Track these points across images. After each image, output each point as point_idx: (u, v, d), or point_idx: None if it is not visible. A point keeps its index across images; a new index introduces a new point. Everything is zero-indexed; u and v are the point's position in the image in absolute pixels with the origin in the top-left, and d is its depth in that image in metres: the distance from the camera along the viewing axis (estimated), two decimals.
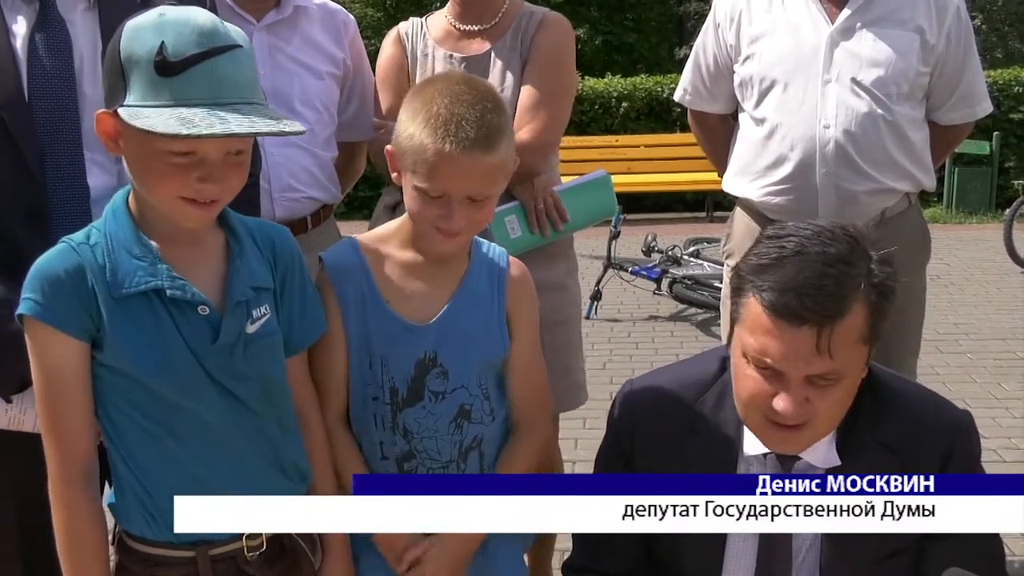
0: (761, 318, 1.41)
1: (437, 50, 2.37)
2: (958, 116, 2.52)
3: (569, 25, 2.41)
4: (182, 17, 1.34)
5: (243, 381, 1.47)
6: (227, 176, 1.38)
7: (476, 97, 1.54)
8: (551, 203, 2.32)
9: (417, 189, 1.55)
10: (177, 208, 1.39)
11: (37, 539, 1.57)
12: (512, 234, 2.28)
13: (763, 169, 2.46)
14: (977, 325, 5.84)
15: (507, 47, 2.33)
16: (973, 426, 1.58)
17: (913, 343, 2.56)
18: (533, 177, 2.32)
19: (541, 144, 2.30)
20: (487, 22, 2.36)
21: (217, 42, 1.33)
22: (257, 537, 1.50)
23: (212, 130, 1.28)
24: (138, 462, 1.44)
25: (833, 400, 1.45)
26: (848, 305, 1.39)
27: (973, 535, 1.54)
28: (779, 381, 1.43)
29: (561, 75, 2.35)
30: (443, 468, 1.66)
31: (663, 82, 11.37)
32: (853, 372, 1.45)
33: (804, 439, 1.49)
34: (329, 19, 2.37)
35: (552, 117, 2.31)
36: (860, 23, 2.39)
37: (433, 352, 1.62)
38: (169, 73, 1.31)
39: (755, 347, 1.43)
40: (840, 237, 1.43)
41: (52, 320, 1.37)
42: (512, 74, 2.31)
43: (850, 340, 1.41)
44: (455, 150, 1.49)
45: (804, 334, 1.38)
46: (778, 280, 1.39)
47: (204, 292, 1.43)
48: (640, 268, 6.47)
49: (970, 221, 9.91)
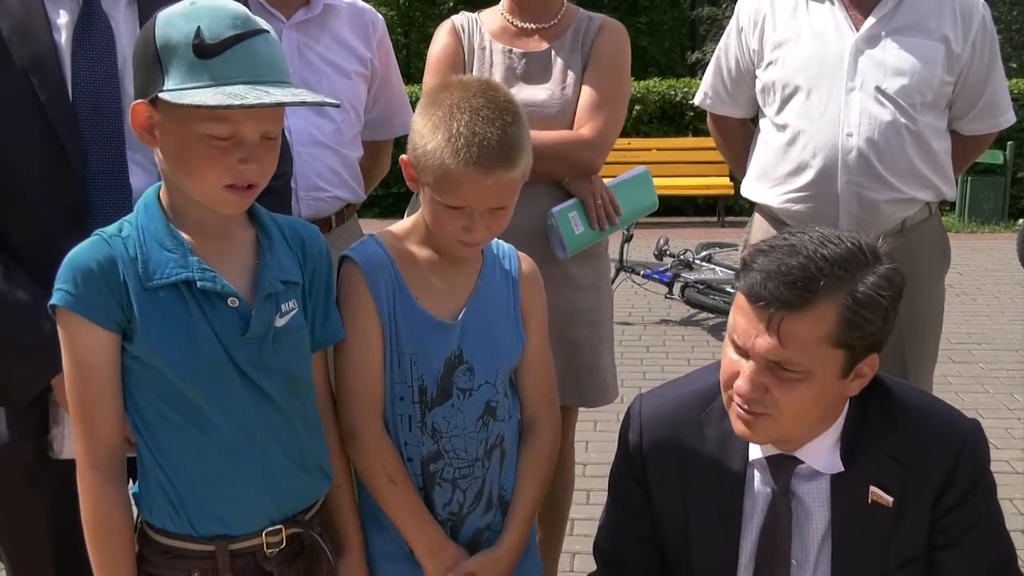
0: (739, 296, 1.48)
1: (495, 44, 2.42)
2: (981, 126, 2.51)
3: (626, 32, 2.50)
4: (213, 4, 1.37)
5: (271, 374, 1.47)
6: (264, 157, 1.40)
7: (496, 112, 1.53)
8: (607, 198, 2.39)
9: (436, 203, 1.56)
10: (217, 195, 1.40)
11: (70, 540, 1.57)
12: (576, 230, 2.35)
13: (784, 176, 2.46)
14: (990, 335, 5.83)
15: (567, 47, 2.40)
16: (982, 436, 1.57)
17: (931, 352, 2.55)
18: (592, 174, 2.39)
19: (601, 142, 2.37)
20: (546, 22, 2.42)
21: (251, 25, 1.36)
22: (277, 534, 1.51)
23: (260, 100, 1.30)
24: (164, 453, 1.45)
25: (796, 397, 1.45)
26: (810, 300, 1.41)
27: (985, 542, 1.56)
28: (745, 363, 1.48)
29: (620, 80, 2.44)
30: (469, 467, 1.66)
31: (676, 86, 11.36)
32: (822, 374, 1.45)
33: (763, 429, 1.50)
34: (358, 18, 2.39)
35: (612, 118, 2.39)
36: (885, 31, 2.38)
37: (459, 349, 1.63)
38: (208, 55, 1.32)
39: (731, 323, 1.50)
40: (843, 244, 1.45)
41: (84, 311, 1.39)
42: (573, 73, 2.38)
43: (810, 336, 1.42)
44: (478, 172, 1.50)
45: (761, 314, 1.43)
46: (760, 264, 1.45)
47: (234, 285, 1.44)
48: (652, 272, 6.46)
49: (983, 231, 9.87)
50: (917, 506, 1.53)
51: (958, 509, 1.53)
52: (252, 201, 1.45)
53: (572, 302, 2.39)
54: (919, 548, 1.55)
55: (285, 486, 1.51)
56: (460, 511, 1.68)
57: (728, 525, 1.60)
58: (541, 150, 2.27)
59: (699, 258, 6.57)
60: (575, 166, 2.36)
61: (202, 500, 1.46)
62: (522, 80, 2.38)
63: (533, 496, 1.73)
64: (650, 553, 1.69)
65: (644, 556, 1.69)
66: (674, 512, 1.63)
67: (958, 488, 1.53)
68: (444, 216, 1.56)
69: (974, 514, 1.54)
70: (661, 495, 1.64)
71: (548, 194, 2.36)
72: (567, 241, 2.33)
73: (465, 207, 1.54)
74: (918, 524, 1.54)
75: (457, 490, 1.66)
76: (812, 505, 1.57)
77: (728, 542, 1.60)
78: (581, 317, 2.42)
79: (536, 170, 2.28)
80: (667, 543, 1.67)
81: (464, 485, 1.66)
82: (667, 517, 1.65)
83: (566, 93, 2.37)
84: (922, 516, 1.54)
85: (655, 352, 5.57)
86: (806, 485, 1.57)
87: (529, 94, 2.36)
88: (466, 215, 1.55)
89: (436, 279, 1.64)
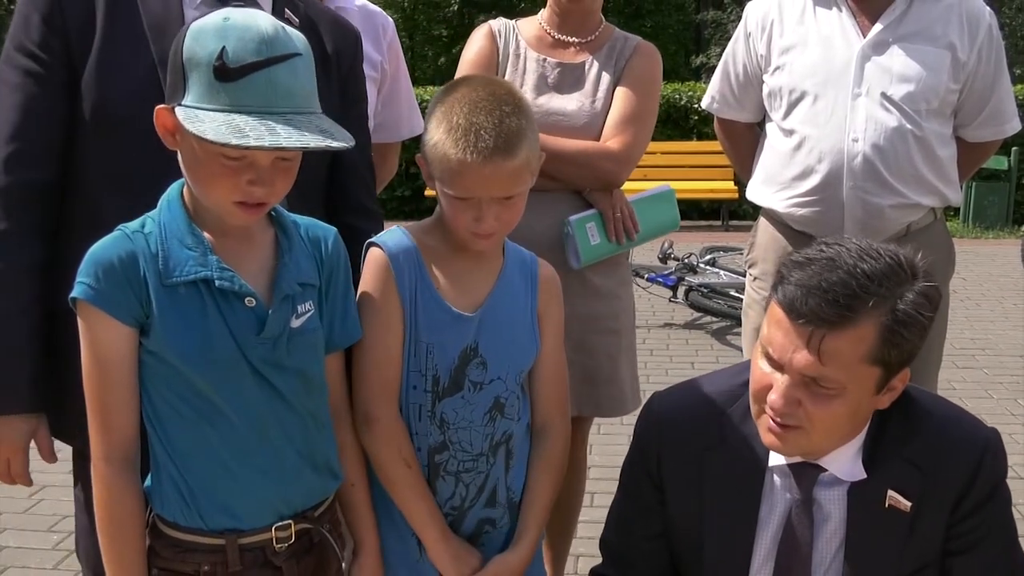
0: (775, 309, 1.46)
1: (530, 52, 2.45)
2: (986, 134, 2.52)
3: (660, 56, 2.54)
4: (245, 22, 1.36)
5: (284, 373, 1.49)
6: (275, 180, 1.41)
7: (494, 103, 1.57)
8: (626, 213, 2.41)
9: (446, 195, 1.60)
10: (226, 208, 1.42)
11: None
12: (592, 240, 2.36)
13: (790, 180, 2.47)
14: (994, 341, 5.84)
15: (601, 62, 2.43)
16: (1001, 445, 1.57)
17: (935, 357, 2.56)
18: (614, 187, 2.41)
19: (627, 156, 2.39)
20: (583, 36, 2.46)
21: (277, 51, 1.35)
22: (287, 529, 1.52)
23: (260, 142, 1.30)
24: (176, 448, 1.47)
25: (830, 413, 1.44)
26: (852, 319, 1.39)
27: (998, 552, 1.56)
28: (780, 376, 1.46)
29: (650, 99, 2.46)
30: (473, 461, 1.68)
31: (680, 90, 11.37)
32: (857, 390, 1.44)
33: (793, 442, 1.49)
34: (368, 21, 2.41)
35: (639, 135, 2.41)
36: (892, 38, 2.39)
37: (475, 342, 1.65)
38: (227, 79, 1.33)
39: (765, 336, 1.48)
40: (882, 258, 1.43)
41: (104, 305, 1.41)
42: (604, 87, 2.41)
43: (850, 355, 1.41)
44: (476, 160, 1.54)
45: (800, 330, 1.41)
46: (799, 278, 1.43)
47: (252, 285, 1.46)
48: (656, 275, 6.47)
49: (987, 236, 9.87)
50: (934, 512, 1.53)
51: (974, 516, 1.53)
52: (260, 217, 1.47)
53: (590, 309, 2.40)
54: (933, 554, 1.55)
55: (295, 483, 1.53)
56: (462, 505, 1.69)
57: (743, 529, 1.59)
58: (567, 157, 2.32)
59: (703, 262, 6.58)
60: (599, 177, 2.38)
61: (213, 493, 1.48)
62: (553, 89, 2.42)
63: (545, 502, 1.74)
64: (659, 552, 1.69)
65: (653, 554, 1.69)
66: (688, 513, 1.63)
67: (976, 495, 1.52)
68: (454, 208, 1.60)
69: (989, 523, 1.54)
70: (676, 495, 1.64)
71: (569, 203, 2.38)
72: (582, 251, 2.34)
73: (471, 197, 1.57)
74: (934, 530, 1.54)
75: (460, 484, 1.68)
76: (830, 509, 1.56)
77: (742, 547, 1.59)
78: (599, 325, 2.42)
79: (560, 177, 2.33)
80: (678, 544, 1.67)
81: (467, 479, 1.68)
82: (680, 518, 1.64)
83: (596, 106, 2.40)
84: (938, 522, 1.53)
85: (659, 356, 5.58)
86: (827, 492, 1.56)
87: (559, 103, 2.39)
88: (474, 205, 1.58)
89: (457, 273, 1.67)
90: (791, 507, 1.57)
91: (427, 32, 20.39)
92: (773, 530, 1.59)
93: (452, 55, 17.30)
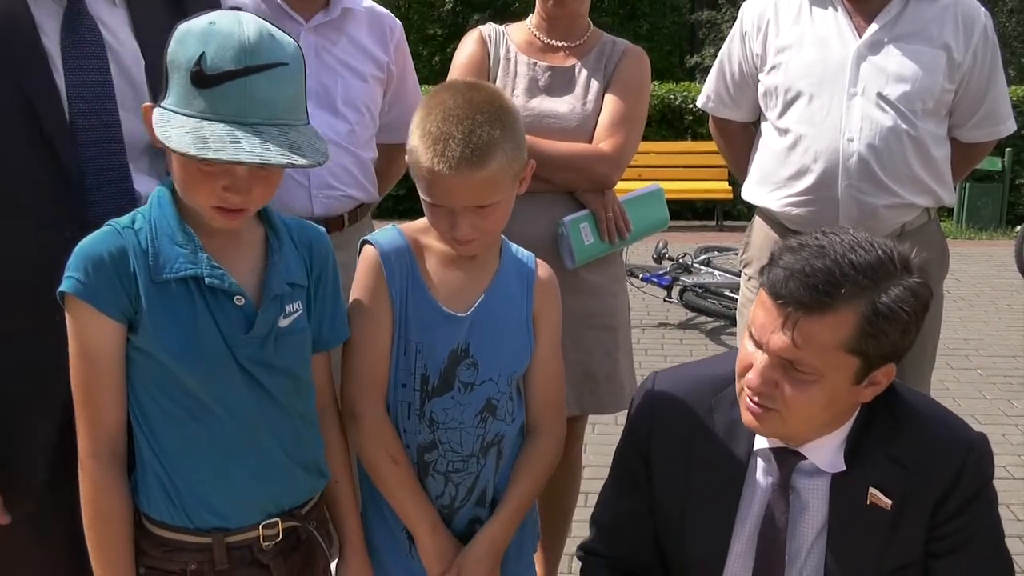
0: (761, 290, 1.49)
1: (520, 56, 2.47)
2: (981, 134, 2.52)
3: (648, 60, 2.57)
4: (230, 28, 1.34)
5: (272, 372, 1.49)
6: (252, 188, 1.39)
7: (468, 111, 1.54)
8: (618, 212, 2.44)
9: (423, 200, 1.59)
10: (206, 212, 1.42)
11: None
12: (586, 240, 2.40)
13: (785, 179, 2.47)
14: (987, 341, 5.85)
15: (591, 66, 2.46)
16: (987, 448, 1.58)
17: (928, 357, 2.57)
18: (606, 188, 2.44)
19: (619, 158, 2.42)
20: (572, 40, 2.49)
21: (258, 59, 1.33)
22: (274, 527, 1.52)
23: (218, 155, 1.29)
24: (162, 446, 1.46)
25: (807, 398, 1.46)
26: (830, 305, 1.41)
27: (982, 555, 1.56)
28: (760, 355, 1.48)
29: (639, 102, 2.50)
30: (464, 462, 1.67)
31: (675, 90, 11.37)
32: (834, 378, 1.45)
33: (770, 424, 1.50)
34: (376, 22, 2.40)
35: (631, 136, 2.45)
36: (888, 38, 2.39)
37: (466, 343, 1.64)
38: (203, 85, 1.32)
39: (751, 316, 1.51)
40: (874, 251, 1.44)
41: (92, 299, 1.40)
42: (594, 90, 2.44)
43: (827, 341, 1.42)
44: (443, 169, 1.52)
45: (779, 311, 1.44)
46: (787, 261, 1.45)
47: (241, 284, 1.46)
48: (651, 275, 6.47)
49: (980, 237, 9.89)
50: (916, 512, 1.53)
51: (957, 518, 1.53)
52: (242, 223, 1.46)
53: (585, 307, 2.42)
54: (915, 555, 1.56)
55: (282, 481, 1.52)
56: (452, 504, 1.69)
57: (725, 511, 1.61)
58: (560, 160, 2.36)
59: (698, 262, 6.59)
60: (592, 179, 2.41)
61: (199, 492, 1.47)
62: (544, 92, 2.44)
63: (522, 492, 1.71)
64: (645, 530, 1.70)
65: (638, 532, 1.70)
66: (673, 492, 1.64)
67: (959, 497, 1.53)
68: (431, 214, 1.60)
69: (973, 525, 1.54)
70: (663, 472, 1.66)
71: (562, 204, 2.41)
72: (576, 251, 2.37)
73: (444, 205, 1.56)
74: (915, 530, 1.54)
75: (449, 483, 1.67)
76: (810, 501, 1.57)
77: (722, 528, 1.61)
78: (595, 321, 2.45)
79: (553, 180, 2.36)
80: (662, 522, 1.68)
81: (457, 479, 1.67)
82: (666, 496, 1.66)
83: (587, 108, 2.43)
84: (920, 522, 1.54)
85: (653, 355, 5.58)
86: (807, 481, 1.57)
87: (551, 106, 2.42)
88: (448, 213, 1.57)
89: (451, 273, 1.66)
90: (769, 492, 1.59)
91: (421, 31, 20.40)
92: (755, 513, 1.60)
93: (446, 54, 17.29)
